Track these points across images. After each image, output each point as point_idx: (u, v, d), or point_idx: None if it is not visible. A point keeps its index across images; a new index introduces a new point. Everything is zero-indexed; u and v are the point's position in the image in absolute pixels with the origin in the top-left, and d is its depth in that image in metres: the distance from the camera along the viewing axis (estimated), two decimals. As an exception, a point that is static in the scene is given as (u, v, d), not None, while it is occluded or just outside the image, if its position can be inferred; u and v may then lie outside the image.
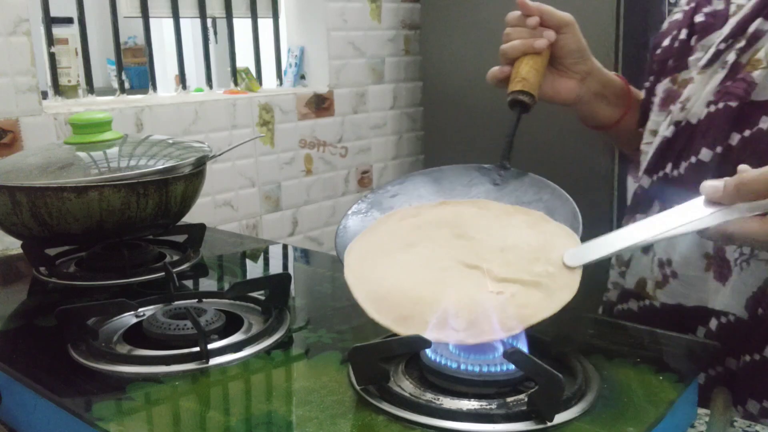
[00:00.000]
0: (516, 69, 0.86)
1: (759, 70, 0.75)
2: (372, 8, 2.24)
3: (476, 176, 0.81)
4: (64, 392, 0.64)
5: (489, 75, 0.89)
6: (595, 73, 0.92)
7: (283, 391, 0.63)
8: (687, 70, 0.84)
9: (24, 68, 1.48)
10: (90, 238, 0.97)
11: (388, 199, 0.79)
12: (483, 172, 0.81)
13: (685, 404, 0.63)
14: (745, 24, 0.77)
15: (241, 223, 1.98)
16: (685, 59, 0.85)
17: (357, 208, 0.76)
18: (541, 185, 0.77)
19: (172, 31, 1.97)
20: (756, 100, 0.75)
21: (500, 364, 0.59)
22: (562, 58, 0.89)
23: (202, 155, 1.00)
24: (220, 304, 0.81)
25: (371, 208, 0.78)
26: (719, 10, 0.83)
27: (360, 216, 0.76)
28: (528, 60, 0.85)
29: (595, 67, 0.92)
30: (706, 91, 0.79)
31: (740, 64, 0.77)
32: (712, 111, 0.78)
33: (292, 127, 2.06)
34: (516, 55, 0.86)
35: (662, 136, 0.83)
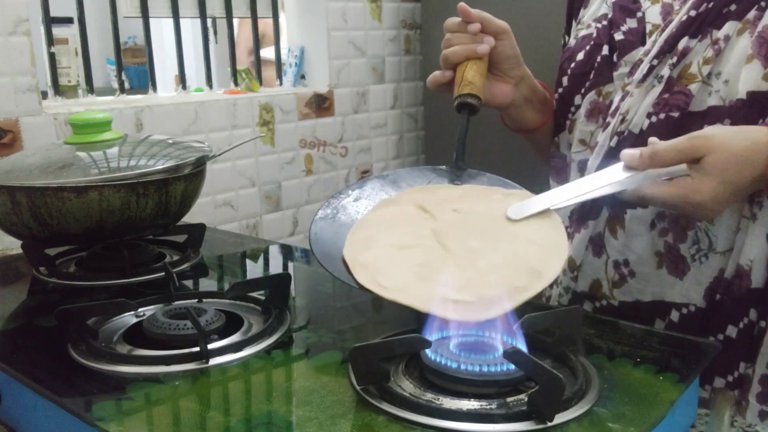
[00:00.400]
0: (461, 73, 0.89)
1: (695, 83, 0.82)
2: (372, 8, 2.24)
3: (433, 177, 0.84)
4: (64, 392, 0.64)
5: (430, 80, 0.94)
6: (526, 79, 0.97)
7: (283, 391, 0.63)
8: (611, 84, 0.91)
9: (24, 68, 1.48)
10: (90, 238, 0.97)
11: (352, 203, 0.82)
12: (440, 173, 0.84)
13: (686, 404, 0.63)
14: (673, 41, 0.84)
15: (241, 223, 1.98)
16: (609, 73, 0.91)
17: (323, 214, 0.78)
18: (500, 183, 0.80)
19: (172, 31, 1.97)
20: (693, 110, 0.82)
21: (500, 364, 0.59)
22: (499, 63, 0.94)
23: (202, 155, 1.00)
24: (220, 304, 0.81)
25: (337, 213, 0.80)
26: (635, 28, 0.90)
27: (328, 221, 0.78)
28: (472, 65, 0.89)
29: (526, 73, 0.97)
30: (645, 104, 0.85)
31: (673, 78, 0.84)
32: (654, 121, 0.84)
33: (293, 127, 2.06)
34: (458, 60, 0.90)
35: (605, 146, 0.88)
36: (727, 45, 0.80)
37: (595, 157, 0.90)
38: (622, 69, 0.89)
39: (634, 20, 0.90)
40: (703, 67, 0.81)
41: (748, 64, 0.78)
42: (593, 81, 0.93)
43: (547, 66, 1.04)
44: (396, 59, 2.36)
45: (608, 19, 0.92)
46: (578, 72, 0.95)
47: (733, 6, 0.81)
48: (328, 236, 0.76)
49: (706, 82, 0.81)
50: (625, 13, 0.91)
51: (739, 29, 0.80)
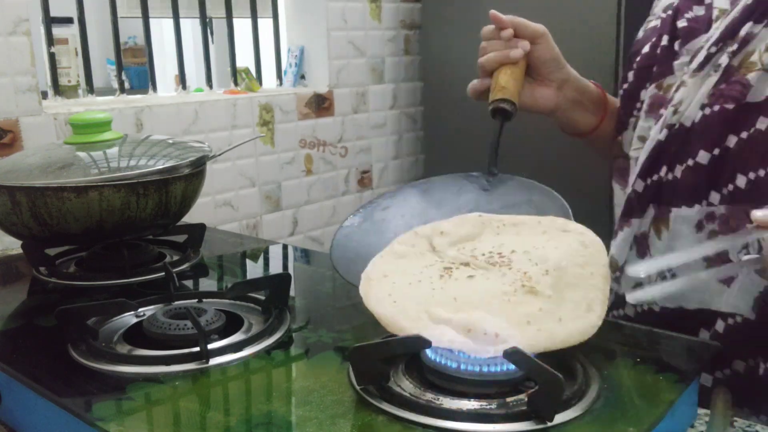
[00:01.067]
0: (495, 79, 0.89)
1: (753, 72, 0.75)
2: (372, 8, 2.24)
3: (465, 184, 0.83)
4: (64, 392, 0.64)
5: (469, 89, 0.93)
6: (571, 81, 0.94)
7: (283, 391, 0.63)
8: (672, 75, 0.85)
9: (24, 68, 1.48)
10: (90, 238, 0.96)
11: (380, 212, 0.83)
12: (471, 180, 0.84)
13: (685, 404, 0.63)
14: (735, 27, 0.78)
15: (241, 223, 1.98)
16: (670, 64, 0.85)
17: (350, 222, 0.79)
18: (529, 186, 0.80)
19: (172, 31, 1.97)
20: (751, 101, 0.75)
21: (500, 364, 0.59)
22: (539, 67, 0.92)
23: (202, 155, 1.00)
24: (220, 304, 0.81)
25: (364, 221, 0.81)
26: (701, 16, 0.84)
27: (353, 228, 0.79)
28: (506, 70, 0.89)
29: (571, 75, 0.95)
30: (699, 94, 0.79)
31: (732, 67, 0.77)
32: (707, 114, 0.78)
33: (293, 127, 2.06)
34: (493, 67, 0.89)
35: (655, 140, 0.83)
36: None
37: (645, 152, 0.84)
38: (683, 58, 0.84)
39: (701, 7, 0.84)
40: (764, 54, 0.75)
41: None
42: (656, 73, 0.87)
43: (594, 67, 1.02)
44: (395, 59, 2.36)
45: (674, 7, 0.87)
46: (643, 65, 0.89)
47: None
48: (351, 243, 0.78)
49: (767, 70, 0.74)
50: (693, 0, 0.85)
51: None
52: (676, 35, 0.85)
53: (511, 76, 0.88)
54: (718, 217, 0.78)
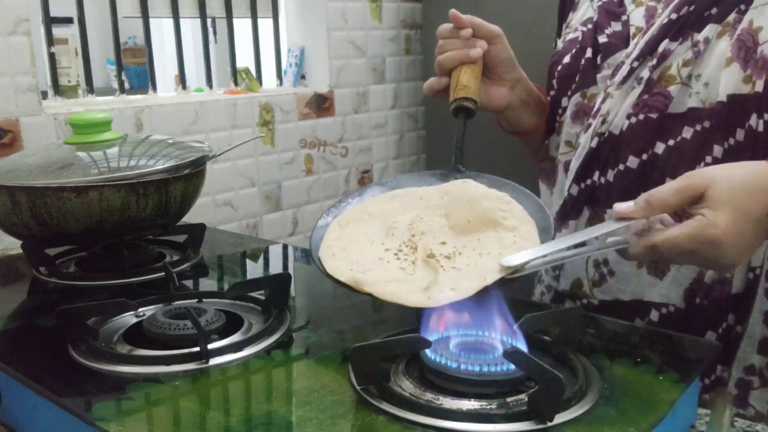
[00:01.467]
0: (455, 78, 0.90)
1: (674, 85, 0.83)
2: (372, 8, 2.24)
3: (433, 182, 0.84)
4: (64, 392, 0.64)
5: (426, 87, 0.94)
6: (522, 82, 0.97)
7: (283, 391, 0.63)
8: (595, 86, 0.92)
9: (24, 68, 1.48)
10: (90, 238, 0.96)
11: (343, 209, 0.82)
12: (439, 177, 0.84)
13: (686, 404, 0.63)
14: (653, 44, 0.85)
15: (241, 223, 1.98)
16: (593, 76, 0.92)
17: (324, 222, 0.78)
18: (500, 184, 0.80)
19: (172, 31, 1.97)
20: (673, 112, 0.83)
21: (500, 364, 0.59)
22: (494, 67, 0.94)
23: (202, 155, 1.00)
24: (220, 304, 0.81)
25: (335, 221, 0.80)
26: (619, 31, 0.91)
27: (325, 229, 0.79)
28: (466, 69, 0.90)
29: (522, 75, 0.98)
30: (625, 105, 0.86)
31: (653, 80, 0.84)
32: (633, 122, 0.85)
33: (293, 127, 2.06)
34: (452, 66, 0.91)
35: (587, 147, 0.89)
36: (707, 47, 0.81)
37: (577, 159, 0.90)
38: (605, 71, 0.91)
39: (618, 23, 0.91)
40: (682, 69, 0.82)
41: (727, 66, 0.79)
42: (578, 83, 0.94)
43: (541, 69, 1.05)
44: (396, 59, 2.36)
45: (593, 22, 0.93)
46: (565, 75, 0.96)
47: (714, 9, 0.81)
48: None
49: (685, 83, 0.82)
50: (611, 17, 0.92)
51: (719, 32, 0.81)
52: (598, 49, 0.92)
53: (472, 75, 0.89)
54: None
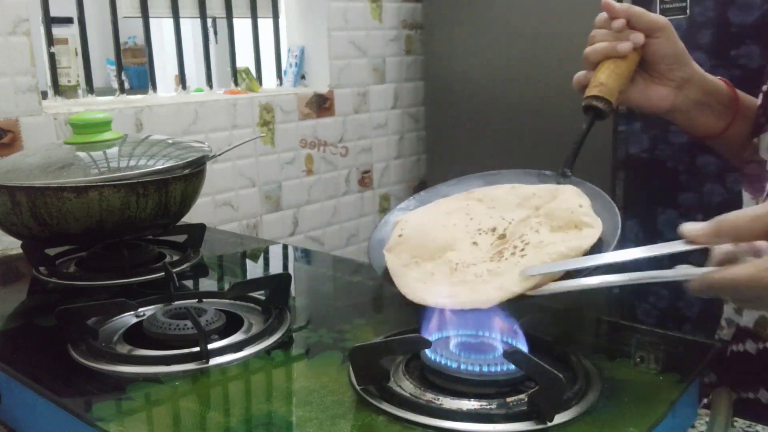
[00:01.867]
0: (595, 73, 0.81)
1: None
2: (373, 8, 2.24)
3: (534, 181, 0.78)
4: (64, 392, 0.64)
5: (574, 80, 0.85)
6: (695, 80, 0.85)
7: (283, 392, 0.63)
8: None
9: (24, 68, 1.48)
10: (90, 238, 0.96)
11: (438, 199, 0.78)
12: (541, 178, 0.78)
13: (686, 404, 0.63)
14: None
15: (241, 223, 1.98)
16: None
17: (405, 205, 0.76)
18: (594, 194, 0.74)
19: (172, 31, 1.97)
20: None
21: (500, 364, 0.59)
22: (656, 63, 0.83)
23: (202, 155, 1.00)
24: (220, 304, 0.81)
25: (418, 206, 0.77)
26: None
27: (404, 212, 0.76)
28: (609, 64, 0.81)
29: (695, 73, 0.85)
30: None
31: None
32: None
33: (293, 127, 2.06)
34: (598, 59, 0.81)
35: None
36: None
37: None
38: None
39: None
40: None
41: None
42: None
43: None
44: (397, 59, 2.36)
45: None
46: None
47: None
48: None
49: None
50: None
51: None
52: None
53: (614, 71, 0.80)
54: None
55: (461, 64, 2.17)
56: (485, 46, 2.08)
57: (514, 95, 2.03)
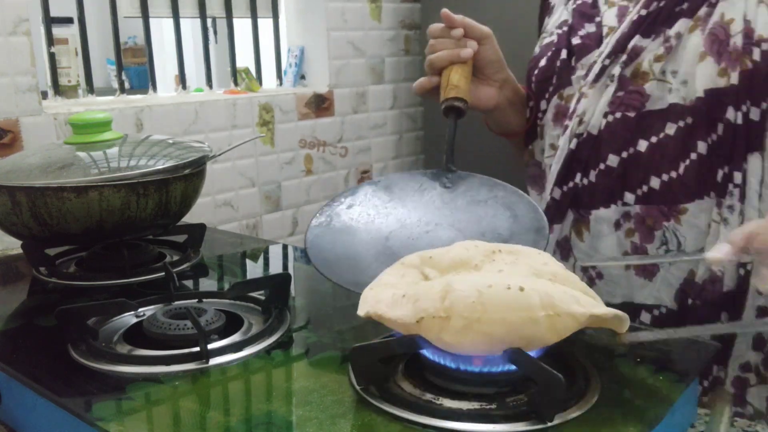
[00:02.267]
0: (446, 78, 0.90)
1: (649, 82, 0.83)
2: (372, 8, 2.24)
3: (425, 181, 0.85)
4: (64, 392, 0.64)
5: (416, 86, 0.95)
6: (509, 82, 0.98)
7: (283, 391, 0.63)
8: (570, 87, 0.92)
9: (24, 68, 1.48)
10: (90, 238, 0.97)
11: (345, 210, 0.83)
12: (431, 177, 0.85)
13: (685, 404, 0.63)
14: (624, 41, 0.85)
15: (241, 223, 1.98)
16: (569, 77, 0.93)
17: (317, 222, 0.79)
18: (492, 184, 0.81)
19: (172, 31, 1.97)
20: (653, 109, 0.83)
21: (500, 364, 0.59)
22: (483, 67, 0.95)
23: (202, 155, 1.00)
24: (220, 304, 0.81)
25: (331, 221, 0.82)
26: (593, 32, 0.91)
27: (323, 228, 0.81)
28: (457, 69, 0.90)
29: (509, 76, 0.99)
30: (601, 104, 0.86)
31: (625, 77, 0.85)
32: (611, 120, 0.85)
33: (292, 127, 2.06)
34: (443, 65, 0.91)
35: (566, 149, 0.89)
36: (679, 42, 0.81)
37: (557, 162, 0.90)
38: (579, 72, 0.91)
39: (592, 25, 0.92)
40: (654, 64, 0.83)
41: (702, 61, 0.79)
42: (555, 85, 0.94)
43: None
44: (395, 59, 2.36)
45: (568, 24, 0.94)
46: (542, 78, 0.96)
47: (684, 4, 0.82)
48: (324, 243, 0.79)
49: (661, 79, 0.82)
50: (584, 19, 0.93)
51: (691, 27, 0.81)
52: (572, 50, 0.92)
53: (462, 75, 0.90)
54: (633, 216, 0.85)
55: (461, 64, 2.17)
56: (485, 47, 2.09)
57: (514, 95, 2.03)
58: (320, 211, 0.81)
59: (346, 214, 0.83)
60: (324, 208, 0.82)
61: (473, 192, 0.84)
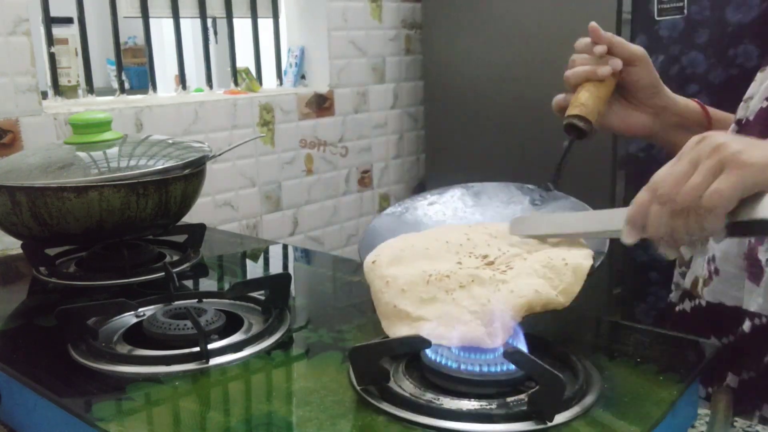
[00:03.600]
0: (576, 95, 0.84)
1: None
2: (373, 8, 2.24)
3: (517, 194, 0.81)
4: (64, 392, 0.64)
5: (553, 103, 0.88)
6: (670, 107, 0.89)
7: (283, 392, 0.63)
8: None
9: (24, 68, 1.48)
10: (90, 238, 0.96)
11: (425, 206, 0.81)
12: (525, 192, 0.81)
13: (686, 404, 0.63)
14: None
15: (241, 223, 1.98)
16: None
17: (392, 210, 0.78)
18: (582, 208, 0.76)
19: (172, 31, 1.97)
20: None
21: (500, 364, 0.59)
22: (635, 91, 0.87)
23: (202, 155, 1.00)
24: (220, 304, 0.81)
25: (405, 212, 0.80)
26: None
27: (393, 217, 0.79)
28: (589, 86, 0.83)
29: (670, 101, 0.89)
30: (762, 88, 0.79)
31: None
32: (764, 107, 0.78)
33: (293, 127, 2.06)
34: (578, 82, 0.84)
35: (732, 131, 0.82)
36: None
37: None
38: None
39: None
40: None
41: None
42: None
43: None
44: (396, 59, 2.35)
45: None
46: None
47: None
48: (384, 230, 0.76)
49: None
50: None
51: None
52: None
53: (594, 93, 0.83)
54: None
55: (460, 63, 2.17)
56: (484, 46, 2.08)
57: (514, 94, 2.03)
58: (401, 201, 0.80)
59: (423, 210, 0.81)
60: (406, 199, 0.80)
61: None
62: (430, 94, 2.33)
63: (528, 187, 0.81)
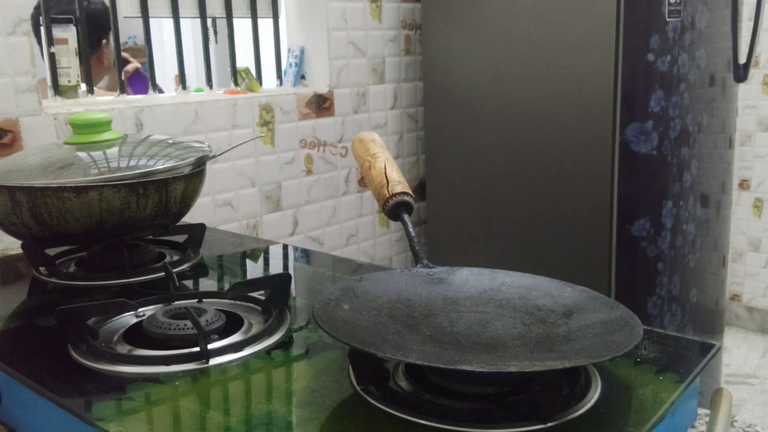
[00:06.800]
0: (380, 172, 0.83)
1: None
2: (372, 8, 2.24)
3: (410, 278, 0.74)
4: (64, 392, 0.64)
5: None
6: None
7: (284, 392, 0.63)
8: None
9: (24, 68, 1.48)
10: (90, 238, 0.96)
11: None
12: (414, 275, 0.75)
13: (686, 404, 0.63)
14: None
15: (241, 223, 1.97)
16: None
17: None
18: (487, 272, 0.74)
19: (172, 31, 1.97)
20: None
21: (500, 364, 0.59)
22: None
23: (202, 155, 1.00)
24: (220, 304, 0.81)
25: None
26: None
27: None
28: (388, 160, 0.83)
29: None
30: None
31: None
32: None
33: (293, 127, 2.06)
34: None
35: None
36: None
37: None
38: None
39: None
40: None
41: None
42: None
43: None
44: (396, 59, 2.36)
45: None
46: None
47: None
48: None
49: None
50: None
51: None
52: None
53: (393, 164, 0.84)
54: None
55: (460, 64, 2.17)
56: (484, 47, 2.08)
57: (513, 95, 2.03)
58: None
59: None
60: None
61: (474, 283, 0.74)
62: (430, 95, 2.33)
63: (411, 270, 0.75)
